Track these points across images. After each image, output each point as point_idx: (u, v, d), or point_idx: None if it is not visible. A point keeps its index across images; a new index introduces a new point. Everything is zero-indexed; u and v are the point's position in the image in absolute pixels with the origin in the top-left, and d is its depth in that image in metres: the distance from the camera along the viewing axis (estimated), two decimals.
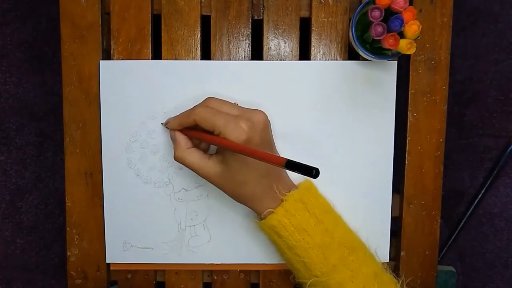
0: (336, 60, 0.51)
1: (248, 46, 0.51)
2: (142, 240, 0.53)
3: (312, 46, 0.51)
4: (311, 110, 0.51)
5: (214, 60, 0.51)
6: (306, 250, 0.44)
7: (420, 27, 0.41)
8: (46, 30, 1.03)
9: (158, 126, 0.51)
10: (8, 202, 1.06)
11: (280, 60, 0.51)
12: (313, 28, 0.51)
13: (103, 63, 0.51)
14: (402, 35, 0.41)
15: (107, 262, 0.53)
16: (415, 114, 0.51)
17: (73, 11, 0.51)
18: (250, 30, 0.51)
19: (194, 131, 0.46)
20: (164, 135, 0.51)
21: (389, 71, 0.50)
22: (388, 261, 0.53)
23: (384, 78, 0.50)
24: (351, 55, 0.51)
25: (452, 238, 1.05)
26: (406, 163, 0.52)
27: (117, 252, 0.53)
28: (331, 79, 0.51)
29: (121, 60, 0.51)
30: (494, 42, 1.02)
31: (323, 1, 0.50)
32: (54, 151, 1.05)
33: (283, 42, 0.51)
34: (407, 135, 0.52)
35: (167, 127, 0.49)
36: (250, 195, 0.45)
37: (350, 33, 0.46)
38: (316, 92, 0.51)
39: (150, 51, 0.51)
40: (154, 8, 0.51)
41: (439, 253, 0.54)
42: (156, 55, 0.52)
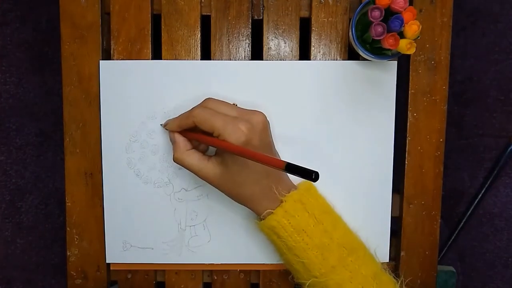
0: (336, 60, 0.51)
1: (248, 46, 0.51)
2: (142, 240, 0.53)
3: (312, 46, 0.51)
4: (311, 110, 0.51)
5: (214, 60, 0.51)
6: (305, 250, 0.44)
7: (420, 27, 0.41)
8: (46, 30, 1.03)
9: (158, 126, 0.51)
10: (8, 202, 1.06)
11: (280, 60, 0.51)
12: (313, 28, 0.51)
13: (103, 63, 0.51)
14: (402, 35, 0.41)
15: (107, 262, 0.53)
16: (415, 114, 0.51)
17: (73, 11, 0.51)
18: (250, 30, 0.51)
19: (193, 132, 0.46)
20: (164, 135, 0.51)
21: (389, 71, 0.50)
22: (388, 261, 0.53)
23: (384, 78, 0.50)
24: (351, 55, 0.51)
25: (452, 238, 1.04)
26: (406, 163, 0.52)
27: (117, 252, 0.53)
28: (331, 79, 0.51)
29: (121, 60, 0.51)
30: (494, 42, 1.02)
31: (323, 1, 0.50)
32: (54, 151, 1.05)
33: (283, 42, 0.51)
34: (407, 135, 0.52)
35: (166, 129, 0.49)
36: (249, 196, 0.45)
37: (350, 33, 0.46)
38: (316, 92, 0.51)
39: (150, 51, 0.51)
40: (154, 8, 0.51)
41: (439, 253, 0.54)
42: (156, 55, 0.52)
